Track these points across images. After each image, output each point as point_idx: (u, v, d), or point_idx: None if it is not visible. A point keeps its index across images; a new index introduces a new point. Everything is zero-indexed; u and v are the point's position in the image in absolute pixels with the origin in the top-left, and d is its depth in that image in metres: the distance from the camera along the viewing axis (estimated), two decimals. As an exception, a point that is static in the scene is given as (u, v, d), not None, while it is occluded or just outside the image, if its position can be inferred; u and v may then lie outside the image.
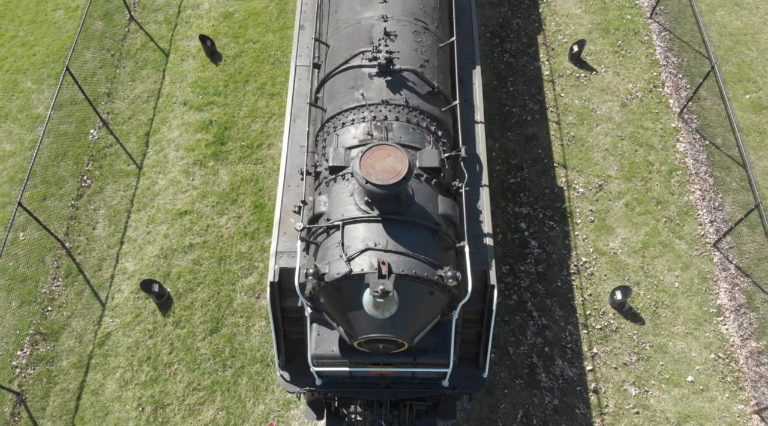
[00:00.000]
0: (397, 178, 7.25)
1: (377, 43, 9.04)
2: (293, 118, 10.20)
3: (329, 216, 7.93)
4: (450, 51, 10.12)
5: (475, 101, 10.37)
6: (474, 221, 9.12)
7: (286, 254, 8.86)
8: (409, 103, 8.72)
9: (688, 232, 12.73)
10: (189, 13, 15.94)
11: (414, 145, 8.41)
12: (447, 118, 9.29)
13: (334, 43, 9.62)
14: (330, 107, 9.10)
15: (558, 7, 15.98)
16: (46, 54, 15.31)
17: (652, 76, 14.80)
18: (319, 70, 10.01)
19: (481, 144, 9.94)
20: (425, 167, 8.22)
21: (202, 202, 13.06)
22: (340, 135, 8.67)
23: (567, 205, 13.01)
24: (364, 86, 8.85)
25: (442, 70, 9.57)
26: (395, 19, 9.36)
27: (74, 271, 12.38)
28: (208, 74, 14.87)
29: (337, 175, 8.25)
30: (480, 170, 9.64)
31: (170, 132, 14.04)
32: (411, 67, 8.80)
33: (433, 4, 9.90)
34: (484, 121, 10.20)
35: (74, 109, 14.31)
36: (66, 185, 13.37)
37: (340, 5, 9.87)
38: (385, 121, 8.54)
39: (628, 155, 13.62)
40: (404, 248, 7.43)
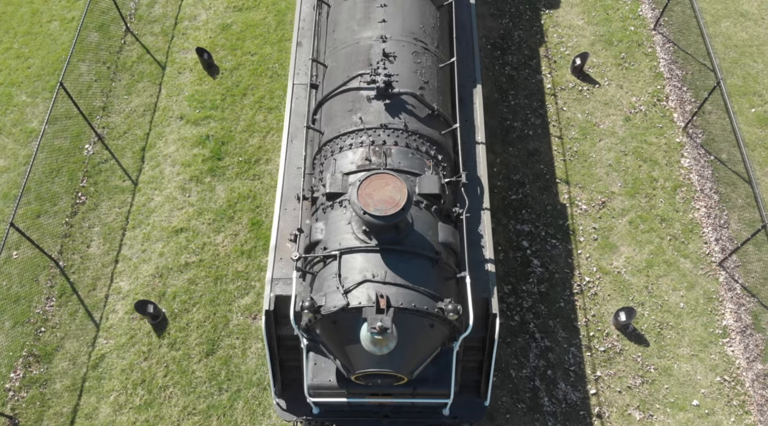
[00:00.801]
0: (395, 209, 7.03)
1: (376, 65, 8.82)
2: (290, 139, 9.99)
3: (326, 244, 7.72)
4: (450, 70, 9.90)
5: (475, 121, 10.16)
6: (475, 247, 8.90)
7: (282, 281, 8.64)
8: (408, 127, 8.51)
9: (693, 250, 12.49)
10: (186, 24, 15.72)
11: (413, 171, 8.19)
12: (447, 140, 9.07)
13: (332, 63, 9.41)
14: (327, 130, 8.88)
15: (560, 18, 15.75)
16: (41, 66, 15.10)
17: (656, 89, 14.56)
18: (316, 90, 9.79)
19: (482, 165, 9.72)
20: (425, 194, 8.01)
21: (198, 220, 12.85)
22: (338, 159, 8.45)
23: (570, 222, 12.78)
24: (362, 109, 8.63)
25: (442, 91, 9.36)
26: (394, 39, 9.14)
27: (68, 290, 12.16)
28: (205, 87, 14.65)
29: (335, 202, 8.03)
30: (481, 193, 9.42)
31: (166, 147, 13.82)
32: (410, 91, 8.59)
33: (433, 23, 9.68)
34: (485, 142, 9.96)
35: (69, 124, 14.10)
36: (60, 202, 13.15)
37: (338, 24, 9.66)
38: (383, 145, 8.33)
39: (631, 171, 13.39)
40: (403, 280, 7.21)
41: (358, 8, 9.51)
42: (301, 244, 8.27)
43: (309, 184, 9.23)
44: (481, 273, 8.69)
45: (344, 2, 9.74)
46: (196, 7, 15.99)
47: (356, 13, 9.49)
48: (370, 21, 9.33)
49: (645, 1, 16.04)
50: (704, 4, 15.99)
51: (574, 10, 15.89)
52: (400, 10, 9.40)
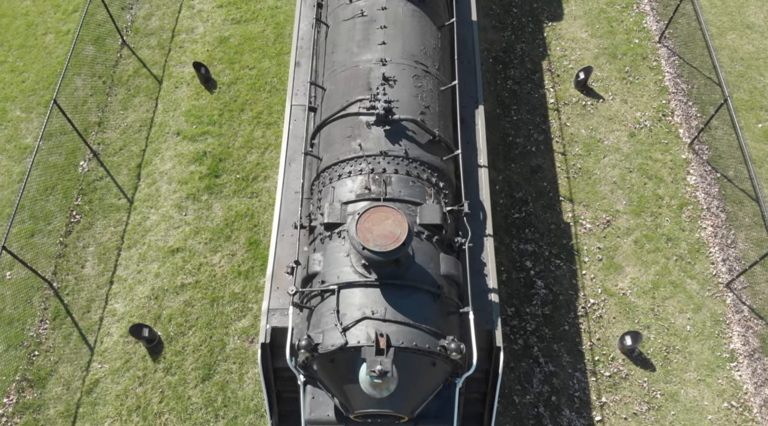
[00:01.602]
0: (395, 244, 6.79)
1: (375, 89, 8.57)
2: (288, 162, 9.76)
3: (324, 277, 7.47)
4: (452, 91, 9.65)
5: (477, 143, 9.92)
6: (478, 275, 8.65)
7: (278, 312, 8.40)
8: (409, 154, 8.26)
9: (700, 271, 12.24)
10: (183, 37, 15.48)
11: (414, 200, 7.94)
12: (449, 166, 8.83)
13: (331, 86, 9.16)
14: (326, 156, 8.64)
15: (563, 31, 15.50)
16: (36, 81, 14.87)
17: (661, 103, 14.31)
18: (315, 113, 9.55)
19: (485, 189, 9.48)
20: (426, 224, 7.76)
21: (194, 239, 12.60)
22: (336, 188, 8.20)
23: (574, 242, 12.52)
24: (361, 136, 8.39)
25: (443, 115, 9.11)
26: (394, 62, 8.89)
27: (62, 312, 11.92)
28: (202, 102, 14.41)
29: (333, 233, 7.78)
30: (483, 218, 9.18)
31: (163, 164, 13.58)
32: (411, 117, 8.33)
33: (434, 44, 9.43)
34: (487, 165, 9.72)
35: (64, 140, 13.87)
36: (54, 221, 12.91)
37: (337, 46, 9.41)
38: (383, 173, 8.08)
39: (636, 189, 13.14)
40: (404, 316, 6.96)
41: (358, 30, 9.26)
42: (298, 276, 8.03)
43: (307, 211, 8.98)
44: (484, 303, 8.44)
45: (343, 23, 9.50)
46: (193, 20, 15.75)
47: (355, 34, 9.25)
48: (369, 43, 9.09)
49: (649, 13, 15.78)
50: (710, 16, 15.74)
51: (578, 23, 15.64)
52: (400, 32, 9.16)
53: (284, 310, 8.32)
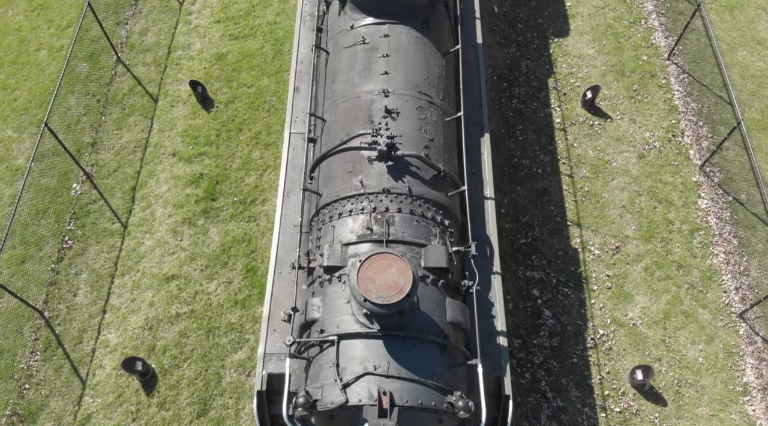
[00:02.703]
0: (399, 296, 6.40)
1: (378, 123, 8.18)
2: (286, 193, 9.38)
3: (323, 326, 7.08)
4: (457, 121, 9.25)
5: (483, 174, 9.53)
6: (485, 317, 8.26)
7: (275, 356, 8.01)
8: (413, 192, 7.87)
9: (712, 299, 11.84)
10: (179, 54, 15.09)
11: (418, 242, 7.55)
12: (454, 201, 8.44)
13: (331, 118, 8.77)
14: (326, 192, 8.25)
15: (570, 47, 15.10)
16: (28, 99, 14.47)
17: (671, 123, 13.91)
18: (314, 144, 9.16)
19: (491, 224, 9.09)
20: (431, 267, 7.37)
21: (190, 266, 12.21)
22: (337, 227, 7.81)
23: (582, 269, 12.13)
24: (363, 172, 8.00)
25: (448, 147, 8.72)
26: (397, 93, 8.50)
27: (53, 343, 11.53)
28: (199, 122, 14.02)
29: (333, 276, 7.39)
30: (491, 254, 8.79)
31: (158, 186, 13.19)
32: (414, 153, 7.94)
33: (438, 72, 9.03)
34: (494, 197, 9.33)
35: (56, 161, 13.48)
36: (46, 246, 12.52)
37: (338, 74, 9.01)
38: (386, 213, 7.69)
39: (646, 213, 12.74)
40: (408, 372, 6.57)
41: (359, 58, 8.87)
42: (295, 322, 7.63)
43: (305, 248, 8.58)
44: (493, 347, 8.06)
45: (344, 50, 9.10)
46: (190, 35, 15.36)
47: (357, 63, 8.85)
48: (371, 73, 8.69)
49: (658, 28, 15.39)
50: (719, 31, 15.35)
51: (584, 38, 15.24)
52: (403, 61, 8.76)
53: (281, 355, 7.93)
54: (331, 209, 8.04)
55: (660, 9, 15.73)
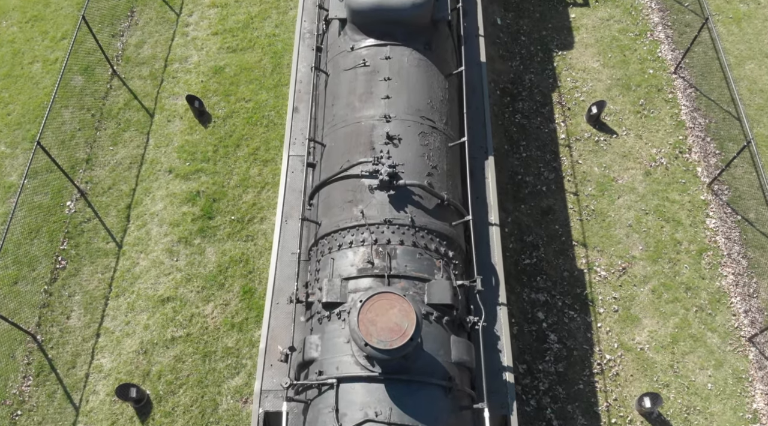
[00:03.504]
0: (402, 340, 6.11)
1: (379, 151, 7.89)
2: (284, 219, 9.08)
3: (322, 367, 6.78)
4: (461, 145, 8.96)
5: (488, 198, 9.24)
6: (491, 351, 7.98)
7: (272, 393, 7.72)
8: (416, 223, 7.58)
9: (721, 323, 11.55)
10: (176, 67, 14.79)
11: (421, 276, 7.26)
12: (458, 231, 8.15)
13: (331, 143, 8.48)
14: (325, 221, 7.96)
15: (574, 60, 14.81)
16: (22, 113, 14.18)
17: (678, 139, 13.62)
18: (313, 169, 8.86)
19: (497, 251, 8.80)
20: (435, 304, 7.08)
21: (186, 287, 11.91)
22: (336, 259, 7.52)
23: (588, 291, 11.84)
24: (363, 201, 7.70)
25: (452, 173, 8.43)
26: (399, 118, 8.20)
27: (46, 368, 11.24)
28: (196, 137, 13.72)
29: (332, 313, 7.10)
30: (496, 284, 8.50)
31: (154, 204, 12.89)
32: (417, 182, 7.65)
33: (441, 96, 8.74)
34: (499, 223, 9.04)
35: (50, 178, 13.18)
36: (39, 266, 12.22)
37: (338, 98, 8.72)
38: (387, 245, 7.40)
39: (653, 233, 12.45)
40: (412, 418, 6.27)
41: (360, 82, 8.57)
42: (293, 360, 7.34)
43: (304, 278, 8.29)
44: (499, 384, 7.77)
45: (344, 73, 8.81)
46: (187, 48, 15.06)
47: (357, 86, 8.56)
48: (372, 97, 8.40)
49: (664, 41, 15.09)
50: (726, 44, 15.06)
51: (589, 51, 14.95)
52: (405, 85, 8.47)
53: (278, 393, 7.64)
54: (331, 240, 7.75)
55: (666, 21, 15.44)
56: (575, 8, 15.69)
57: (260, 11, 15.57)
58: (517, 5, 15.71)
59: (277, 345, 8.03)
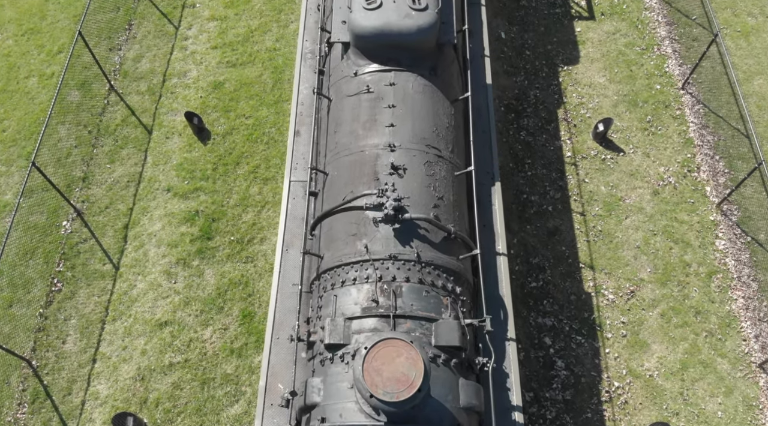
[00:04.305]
0: (409, 391, 5.85)
1: (384, 182, 7.63)
2: (285, 248, 8.82)
3: (324, 413, 6.52)
4: (467, 174, 8.70)
5: (495, 227, 8.99)
6: (500, 389, 7.71)
7: (273, 435, 7.46)
8: (421, 258, 7.32)
9: (731, 348, 11.30)
10: (175, 82, 14.52)
11: (428, 316, 6.99)
12: (465, 264, 7.89)
13: (333, 172, 8.22)
14: (327, 255, 7.69)
15: (580, 75, 14.55)
16: (17, 130, 13.92)
17: (686, 157, 13.36)
18: (315, 198, 8.60)
19: (505, 282, 8.55)
20: (443, 346, 6.82)
21: (184, 311, 11.65)
22: (339, 296, 7.25)
23: (596, 315, 11.58)
24: (368, 235, 7.44)
25: (458, 203, 8.17)
26: (404, 148, 7.95)
27: (42, 394, 10.98)
28: (195, 155, 13.46)
29: (335, 355, 6.84)
30: (505, 318, 8.24)
31: (151, 224, 12.63)
32: (423, 216, 7.39)
33: (446, 122, 8.48)
34: (506, 252, 8.78)
35: (46, 197, 12.92)
36: (34, 289, 11.96)
37: (341, 125, 8.46)
38: (392, 282, 7.13)
39: (662, 254, 12.19)
40: (418, 470, 6.02)
41: (363, 109, 8.31)
42: (294, 403, 7.08)
43: (306, 313, 8.03)
44: (508, 424, 7.50)
45: (347, 99, 8.55)
46: (186, 62, 14.80)
47: (361, 114, 8.29)
48: (376, 125, 8.14)
49: (671, 55, 14.83)
50: (735, 58, 14.80)
51: (595, 66, 14.69)
52: (410, 112, 8.21)
53: (280, 434, 7.39)
54: (334, 275, 7.49)
55: (673, 35, 15.18)
56: (581, 22, 15.44)
57: (260, 24, 15.31)
58: (522, 18, 15.46)
59: (278, 383, 7.78)
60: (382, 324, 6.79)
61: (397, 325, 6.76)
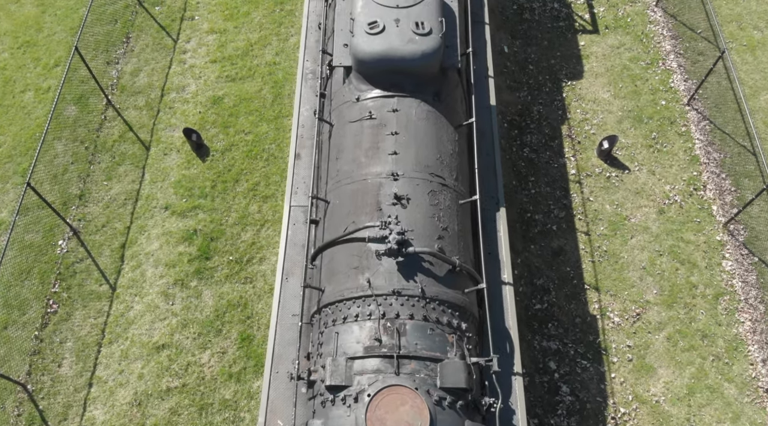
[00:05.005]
0: (414, 441, 5.63)
1: (387, 214, 7.42)
2: (285, 276, 8.61)
3: (326, 457, 6.32)
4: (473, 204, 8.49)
5: (500, 254, 8.78)
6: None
7: (273, 475, 7.25)
8: (426, 293, 7.12)
9: (738, 373, 11.11)
10: (173, 96, 14.31)
11: (433, 356, 6.79)
12: (471, 298, 7.68)
13: (335, 200, 8.02)
14: (329, 289, 7.49)
15: (584, 90, 14.35)
16: (12, 146, 13.70)
17: (692, 175, 13.16)
18: (316, 226, 8.40)
19: (511, 313, 8.35)
20: (449, 387, 6.62)
21: (182, 333, 11.44)
22: (341, 334, 7.05)
23: (601, 338, 11.38)
24: (370, 269, 7.24)
25: (463, 232, 7.97)
26: (407, 176, 7.75)
27: (37, 420, 10.77)
28: (193, 172, 13.25)
29: (336, 397, 6.63)
30: (511, 351, 8.03)
31: (149, 243, 12.42)
32: (428, 250, 7.18)
33: (450, 149, 8.28)
34: (512, 282, 8.58)
35: (42, 215, 12.70)
36: (30, 310, 11.75)
37: (342, 151, 8.25)
38: (396, 319, 6.93)
39: (668, 275, 11.99)
40: None
41: (366, 135, 8.11)
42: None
43: (306, 348, 7.81)
44: (513, 463, 7.31)
45: (349, 125, 8.34)
46: (184, 76, 14.58)
47: (363, 140, 8.09)
48: (379, 152, 7.94)
49: (676, 70, 14.63)
50: (741, 73, 14.60)
51: (599, 81, 14.49)
52: (413, 139, 8.01)
53: (280, 474, 7.18)
54: (335, 310, 7.29)
55: (678, 49, 14.99)
56: (584, 35, 15.24)
57: (260, 38, 15.10)
58: (525, 32, 15.26)
59: (278, 419, 7.57)
60: (385, 364, 6.59)
61: (401, 366, 6.56)
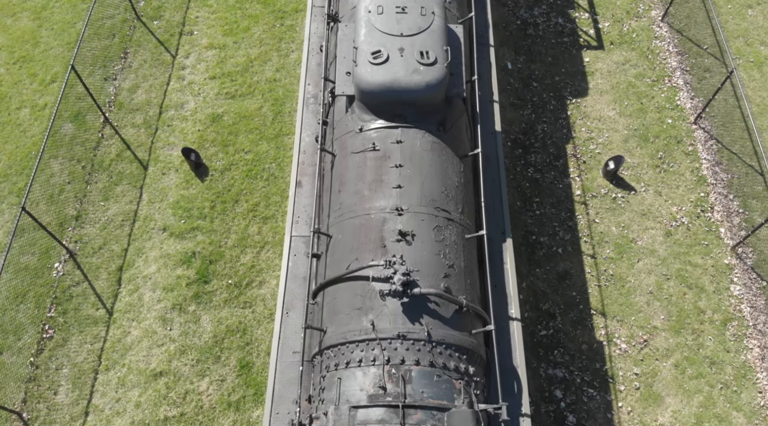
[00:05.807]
0: (421, 501, 5.41)
1: (391, 253, 7.20)
2: (286, 311, 8.38)
3: None
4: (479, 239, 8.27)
5: (507, 288, 8.55)
6: (512, 471, 7.28)
7: None
8: (432, 337, 6.90)
9: (747, 401, 10.89)
10: (171, 114, 14.08)
11: (440, 405, 6.56)
12: (479, 338, 7.46)
13: (337, 235, 7.79)
14: (331, 330, 7.26)
15: (589, 108, 14.13)
16: (8, 165, 13.46)
17: (699, 196, 12.95)
18: (318, 260, 8.17)
19: (519, 351, 8.12)
20: (455, 437, 6.39)
21: (180, 360, 11.22)
22: (344, 380, 6.82)
23: (608, 366, 11.17)
24: (374, 310, 7.01)
25: (469, 269, 7.74)
26: (412, 211, 7.52)
27: (30, 450, 10.55)
28: (192, 192, 13.02)
29: (340, 446, 6.40)
30: (519, 391, 7.80)
31: (146, 266, 12.19)
32: (434, 291, 6.96)
33: (456, 181, 8.05)
34: (521, 318, 8.36)
35: (37, 236, 12.47)
36: (25, 335, 11.52)
37: (345, 184, 8.03)
38: (401, 365, 6.70)
39: (675, 300, 11.78)
40: None
41: (369, 168, 7.89)
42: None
43: (307, 391, 7.58)
44: None
45: (352, 155, 8.12)
46: (183, 93, 14.35)
47: (366, 173, 7.87)
48: (382, 186, 7.71)
49: (683, 87, 14.42)
50: (748, 90, 14.40)
51: (604, 99, 14.27)
52: (418, 172, 7.78)
53: None
54: (338, 353, 7.06)
55: (684, 66, 14.77)
56: (589, 51, 15.03)
57: (260, 53, 14.87)
58: (529, 48, 15.04)
59: (278, 463, 7.35)
60: (390, 414, 6.37)
61: (407, 417, 6.34)
